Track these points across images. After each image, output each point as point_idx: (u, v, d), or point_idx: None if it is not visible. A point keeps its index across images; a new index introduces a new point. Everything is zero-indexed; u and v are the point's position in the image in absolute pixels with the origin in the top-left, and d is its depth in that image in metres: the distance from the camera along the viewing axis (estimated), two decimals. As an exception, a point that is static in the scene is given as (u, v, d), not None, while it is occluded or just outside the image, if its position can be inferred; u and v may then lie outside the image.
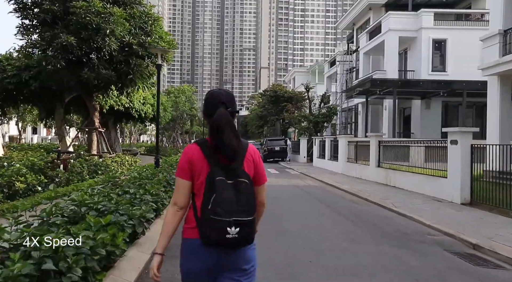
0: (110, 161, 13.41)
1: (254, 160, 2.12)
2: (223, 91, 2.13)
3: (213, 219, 1.86)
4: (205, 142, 2.07)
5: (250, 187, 1.98)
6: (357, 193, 11.96)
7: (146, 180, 6.91)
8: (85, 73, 11.93)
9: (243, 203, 1.92)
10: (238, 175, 1.97)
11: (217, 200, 1.87)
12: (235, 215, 1.87)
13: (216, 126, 1.97)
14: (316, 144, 25.19)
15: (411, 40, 24.19)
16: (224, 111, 2.02)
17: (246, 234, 1.91)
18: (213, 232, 1.88)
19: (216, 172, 1.94)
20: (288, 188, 14.02)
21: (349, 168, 18.14)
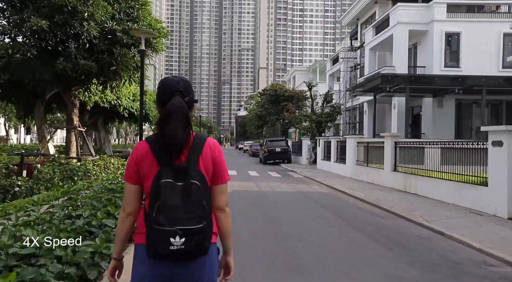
0: (92, 165, 11.75)
1: (213, 156, 1.86)
2: (178, 78, 1.87)
3: (155, 229, 1.66)
4: (155, 139, 1.82)
5: (203, 189, 1.74)
6: (375, 203, 10.32)
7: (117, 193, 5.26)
8: (60, 64, 10.25)
9: (191, 208, 1.69)
10: (189, 175, 1.73)
11: (161, 207, 1.67)
12: (180, 223, 1.65)
13: (165, 115, 1.75)
14: (321, 145, 23.54)
15: (422, 33, 22.60)
16: (179, 99, 1.78)
17: (196, 244, 1.68)
18: (155, 243, 1.67)
19: (163, 173, 1.72)
20: (293, 195, 12.40)
21: (359, 172, 16.52)
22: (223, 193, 1.90)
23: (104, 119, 23.11)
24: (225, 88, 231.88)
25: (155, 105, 26.11)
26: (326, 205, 10.53)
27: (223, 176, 1.90)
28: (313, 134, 28.97)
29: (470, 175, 8.98)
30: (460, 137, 20.79)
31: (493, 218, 7.92)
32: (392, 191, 12.45)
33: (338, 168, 19.60)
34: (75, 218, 3.89)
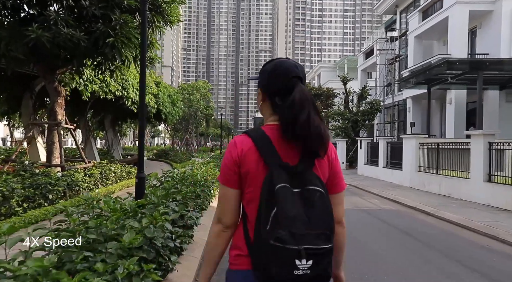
0: (82, 175, 8.69)
1: (329, 159, 1.52)
2: (294, 62, 1.54)
3: (274, 246, 1.26)
4: (261, 134, 1.47)
5: (327, 198, 1.38)
6: (492, 233, 6.93)
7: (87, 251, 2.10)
8: (33, 31, 7.18)
9: (318, 222, 1.31)
10: (309, 180, 1.37)
11: (280, 218, 1.28)
12: (307, 241, 1.27)
13: (299, 106, 1.39)
14: (363, 147, 20.09)
15: (484, 15, 19.03)
16: (306, 88, 1.48)
17: (323, 269, 1.30)
18: (274, 267, 1.27)
19: (277, 176, 1.35)
20: (353, 214, 9.12)
21: (424, 181, 13.09)
22: (341, 203, 1.59)
23: (113, 117, 20.14)
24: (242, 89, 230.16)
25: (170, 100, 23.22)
26: (410, 232, 7.18)
27: (340, 183, 1.59)
28: (348, 134, 25.57)
29: None
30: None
31: None
32: (493, 210, 9.01)
33: (389, 174, 16.17)
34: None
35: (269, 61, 1.58)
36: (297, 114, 1.38)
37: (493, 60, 15.23)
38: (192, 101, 36.48)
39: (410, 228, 7.66)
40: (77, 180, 8.17)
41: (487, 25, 19.19)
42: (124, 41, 8.29)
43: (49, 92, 9.23)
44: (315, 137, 1.38)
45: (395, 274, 4.81)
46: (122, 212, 3.79)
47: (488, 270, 5.03)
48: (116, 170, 10.70)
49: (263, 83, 1.55)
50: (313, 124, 1.38)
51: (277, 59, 1.57)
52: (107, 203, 3.36)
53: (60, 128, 9.08)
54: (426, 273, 4.86)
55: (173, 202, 5.15)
